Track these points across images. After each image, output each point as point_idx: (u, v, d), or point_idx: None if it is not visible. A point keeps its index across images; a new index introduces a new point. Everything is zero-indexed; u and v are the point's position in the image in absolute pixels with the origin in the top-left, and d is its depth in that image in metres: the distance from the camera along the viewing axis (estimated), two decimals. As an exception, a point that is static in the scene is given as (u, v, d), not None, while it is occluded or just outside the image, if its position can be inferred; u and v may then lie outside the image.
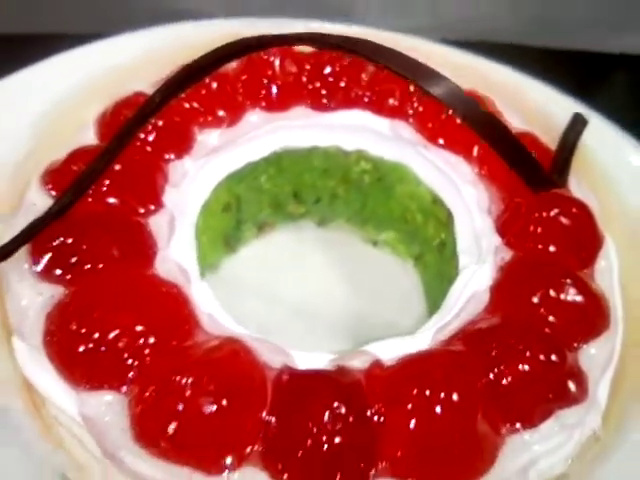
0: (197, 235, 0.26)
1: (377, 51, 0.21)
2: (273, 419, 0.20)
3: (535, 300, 0.23)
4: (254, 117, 0.30)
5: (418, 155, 0.30)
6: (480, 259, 0.26)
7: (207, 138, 0.29)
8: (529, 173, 0.25)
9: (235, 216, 0.33)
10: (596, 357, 0.23)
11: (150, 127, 0.27)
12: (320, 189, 0.34)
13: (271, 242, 0.35)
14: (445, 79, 0.22)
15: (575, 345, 0.23)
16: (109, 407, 0.20)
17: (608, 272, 0.25)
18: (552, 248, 0.25)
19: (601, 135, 0.31)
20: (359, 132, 0.31)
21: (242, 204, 0.33)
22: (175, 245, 0.25)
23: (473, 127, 0.23)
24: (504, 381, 0.21)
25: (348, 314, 0.31)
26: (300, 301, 0.31)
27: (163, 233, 0.25)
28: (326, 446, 0.19)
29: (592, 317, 0.23)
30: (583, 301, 0.23)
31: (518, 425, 0.21)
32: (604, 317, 0.23)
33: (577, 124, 0.29)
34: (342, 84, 0.31)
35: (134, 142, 0.26)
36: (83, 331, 0.20)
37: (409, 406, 0.20)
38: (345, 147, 0.31)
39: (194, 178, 0.28)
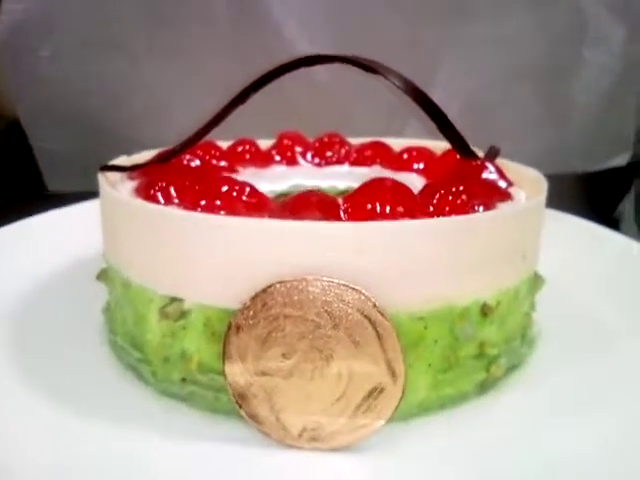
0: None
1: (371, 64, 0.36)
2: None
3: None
4: (280, 168, 0.46)
5: (388, 179, 0.44)
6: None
7: (246, 172, 0.44)
8: (457, 144, 0.38)
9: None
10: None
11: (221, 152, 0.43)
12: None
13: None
14: (403, 76, 0.36)
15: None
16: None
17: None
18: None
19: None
20: (347, 176, 0.45)
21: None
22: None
23: (421, 107, 0.37)
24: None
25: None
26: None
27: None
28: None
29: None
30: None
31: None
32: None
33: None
34: (334, 152, 0.47)
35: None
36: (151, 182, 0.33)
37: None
38: (339, 186, 0.45)
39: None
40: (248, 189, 0.30)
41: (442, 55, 0.57)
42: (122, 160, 0.39)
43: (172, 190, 0.32)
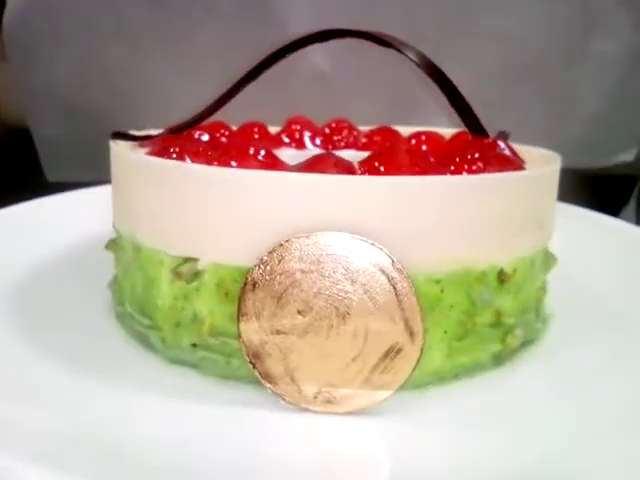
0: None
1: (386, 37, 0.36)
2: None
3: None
4: (290, 151, 0.45)
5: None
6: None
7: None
8: (470, 121, 0.38)
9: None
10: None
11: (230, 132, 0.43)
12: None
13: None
14: (418, 51, 0.36)
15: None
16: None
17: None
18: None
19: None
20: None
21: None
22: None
23: (435, 82, 0.37)
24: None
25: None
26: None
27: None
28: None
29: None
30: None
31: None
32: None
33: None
34: (343, 137, 0.47)
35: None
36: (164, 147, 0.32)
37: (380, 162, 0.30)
38: (347, 171, 0.45)
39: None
40: (263, 151, 0.30)
41: (446, 49, 0.57)
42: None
43: (186, 155, 0.32)
